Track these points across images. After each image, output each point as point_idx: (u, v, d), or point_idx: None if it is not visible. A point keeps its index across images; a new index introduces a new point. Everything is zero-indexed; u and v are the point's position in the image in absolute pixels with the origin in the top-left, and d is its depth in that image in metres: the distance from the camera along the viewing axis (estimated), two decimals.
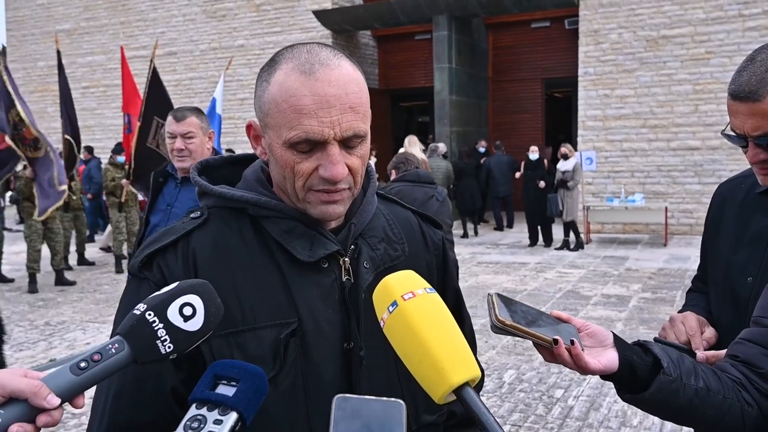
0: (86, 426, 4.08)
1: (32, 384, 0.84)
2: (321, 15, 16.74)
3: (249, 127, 1.23)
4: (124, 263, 11.72)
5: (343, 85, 1.11)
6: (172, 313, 0.92)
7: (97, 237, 15.85)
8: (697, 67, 13.64)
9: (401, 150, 11.43)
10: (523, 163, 12.92)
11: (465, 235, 14.33)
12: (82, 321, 8.15)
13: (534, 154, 12.77)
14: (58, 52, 11.40)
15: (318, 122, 1.09)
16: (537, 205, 12.63)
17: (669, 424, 4.69)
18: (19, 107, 9.21)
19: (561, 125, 20.74)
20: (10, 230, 15.70)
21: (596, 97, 14.51)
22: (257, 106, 1.18)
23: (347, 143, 1.13)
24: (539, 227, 12.93)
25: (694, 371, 1.28)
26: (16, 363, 6.51)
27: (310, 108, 1.09)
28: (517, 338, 6.77)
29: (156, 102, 10.25)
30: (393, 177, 4.97)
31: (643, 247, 12.71)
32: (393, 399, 0.90)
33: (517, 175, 12.60)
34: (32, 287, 9.93)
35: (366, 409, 0.88)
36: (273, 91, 1.13)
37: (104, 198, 13.35)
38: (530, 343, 1.26)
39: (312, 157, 1.13)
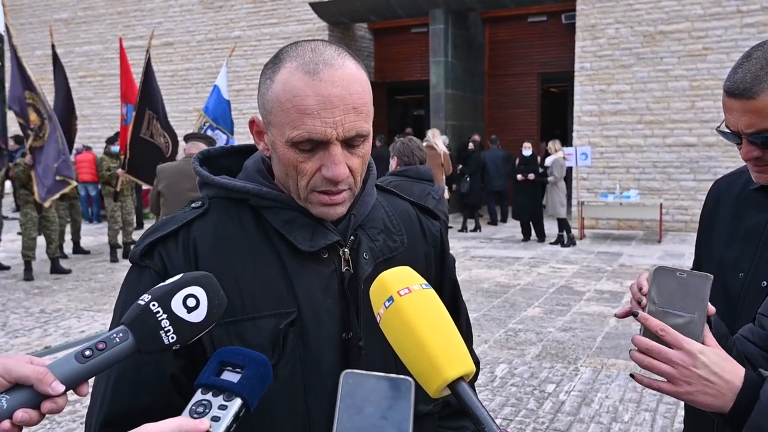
0: (77, 413, 4.07)
1: (38, 370, 0.85)
2: (318, 7, 16.70)
3: (252, 123, 1.24)
4: (119, 252, 11.73)
5: (347, 86, 1.12)
6: (176, 305, 0.93)
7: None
8: (694, 63, 13.65)
9: (424, 142, 11.37)
10: (517, 159, 12.94)
11: (475, 228, 14.38)
12: (77, 309, 8.16)
13: (527, 150, 12.77)
14: (53, 46, 11.40)
15: (321, 122, 1.10)
16: (528, 201, 12.63)
17: (660, 420, 4.72)
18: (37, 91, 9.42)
19: (557, 120, 20.76)
20: (6, 218, 15.66)
21: (592, 93, 14.51)
22: (261, 103, 1.19)
23: (349, 143, 1.15)
24: (531, 223, 12.94)
25: None
26: (11, 350, 6.52)
27: (314, 108, 1.10)
28: (509, 333, 6.76)
29: (148, 93, 10.30)
30: (394, 164, 4.88)
31: (637, 244, 12.75)
32: (401, 376, 0.91)
33: (519, 177, 12.48)
34: (28, 275, 9.94)
35: (374, 384, 0.90)
36: (277, 89, 1.14)
37: (100, 187, 13.37)
38: (523, 337, 1.29)
39: (315, 156, 1.14)
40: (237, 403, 0.91)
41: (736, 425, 1.19)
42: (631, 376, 1.27)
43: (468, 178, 14.39)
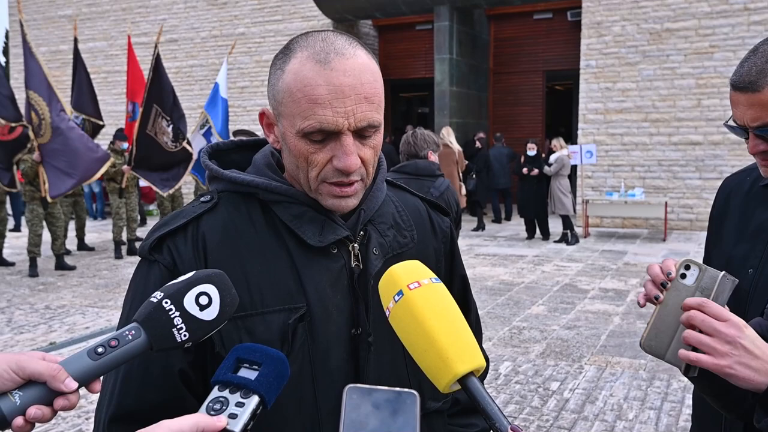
0: (82, 409, 4.08)
1: (51, 367, 0.85)
2: (322, 3, 16.68)
3: (262, 115, 1.23)
4: (123, 249, 11.74)
5: (358, 75, 1.11)
6: (189, 302, 0.93)
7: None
8: (700, 61, 13.59)
9: (440, 139, 11.31)
10: (522, 158, 12.92)
11: (482, 227, 14.36)
12: (82, 305, 8.17)
13: (531, 151, 12.73)
14: (75, 40, 11.45)
15: (332, 112, 1.09)
16: (533, 198, 12.62)
17: (665, 418, 4.71)
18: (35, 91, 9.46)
19: (562, 118, 20.72)
20: (11, 215, 15.73)
21: (597, 90, 14.47)
22: (271, 94, 1.18)
23: (361, 133, 1.14)
24: (535, 221, 12.93)
25: None
26: (16, 346, 6.53)
27: (325, 98, 1.09)
28: (513, 330, 6.74)
29: (157, 90, 10.30)
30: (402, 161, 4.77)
31: (642, 242, 12.72)
32: (406, 389, 0.89)
33: (524, 170, 12.57)
34: (33, 271, 9.96)
35: (378, 399, 0.88)
36: (287, 79, 1.13)
37: (104, 184, 13.40)
38: (527, 335, 1.27)
39: (326, 147, 1.13)
40: (254, 400, 0.90)
41: None
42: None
43: (474, 176, 14.36)
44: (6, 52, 28.98)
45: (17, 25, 21.14)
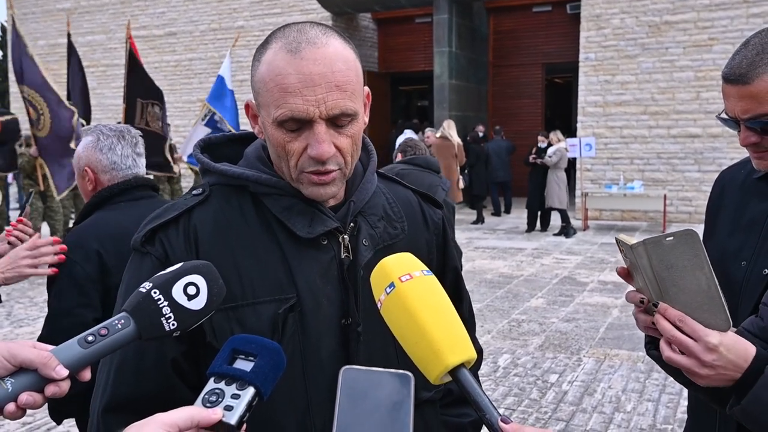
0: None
1: (42, 355, 0.86)
2: None
3: (247, 107, 1.25)
4: None
5: (329, 64, 1.11)
6: (177, 292, 0.94)
7: None
8: (699, 54, 13.58)
9: (438, 133, 11.43)
10: (534, 150, 12.94)
11: (477, 221, 14.32)
12: None
13: (543, 143, 12.81)
14: (69, 35, 11.39)
15: (303, 100, 1.10)
16: (539, 190, 12.62)
17: (662, 410, 4.73)
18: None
19: (561, 111, 20.70)
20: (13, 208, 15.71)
21: (597, 83, 14.45)
22: (252, 85, 1.20)
23: (335, 122, 1.14)
24: (539, 213, 12.94)
25: None
26: (16, 339, 6.54)
27: (295, 86, 1.10)
28: (512, 323, 6.73)
29: (136, 83, 10.25)
30: (398, 160, 4.82)
31: (641, 235, 12.72)
32: (401, 371, 0.90)
33: (531, 158, 12.71)
34: None
35: (373, 380, 0.89)
36: (262, 70, 1.15)
37: None
38: (526, 328, 1.29)
39: (300, 136, 1.14)
40: (250, 392, 0.91)
41: (742, 396, 1.24)
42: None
43: (466, 171, 14.34)
44: (3, 47, 28.93)
45: (16, 19, 21.09)
